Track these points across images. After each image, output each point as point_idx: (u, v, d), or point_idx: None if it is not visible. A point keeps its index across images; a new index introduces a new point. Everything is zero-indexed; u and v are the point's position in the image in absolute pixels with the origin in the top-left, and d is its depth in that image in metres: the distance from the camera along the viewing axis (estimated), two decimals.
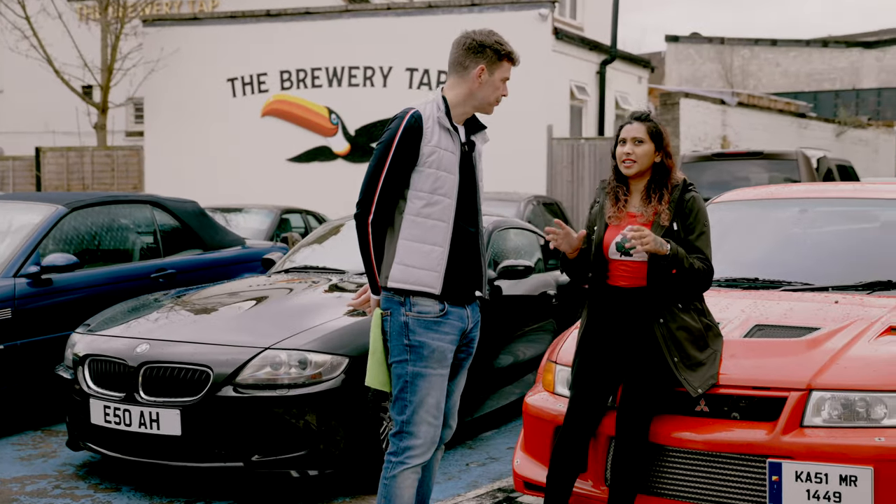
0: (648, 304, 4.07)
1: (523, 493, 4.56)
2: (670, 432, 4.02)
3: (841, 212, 5.60)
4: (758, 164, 10.71)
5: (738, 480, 3.89)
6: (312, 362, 4.88)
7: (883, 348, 4.06)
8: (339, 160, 16.36)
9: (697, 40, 36.05)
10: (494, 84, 3.80)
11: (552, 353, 4.69)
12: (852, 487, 3.68)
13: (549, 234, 4.13)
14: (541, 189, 14.54)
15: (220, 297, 5.82)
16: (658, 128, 4.19)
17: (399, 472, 3.66)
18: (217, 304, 5.66)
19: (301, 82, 16.55)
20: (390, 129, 3.72)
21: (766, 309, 4.59)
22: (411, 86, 15.81)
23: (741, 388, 3.97)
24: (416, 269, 3.66)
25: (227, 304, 5.62)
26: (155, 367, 4.93)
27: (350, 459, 4.95)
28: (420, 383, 3.66)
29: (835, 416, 3.82)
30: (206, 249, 8.14)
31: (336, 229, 7.34)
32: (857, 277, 4.96)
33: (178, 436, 4.81)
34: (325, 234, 7.32)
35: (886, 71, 34.39)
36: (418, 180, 3.67)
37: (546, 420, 4.40)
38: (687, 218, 4.14)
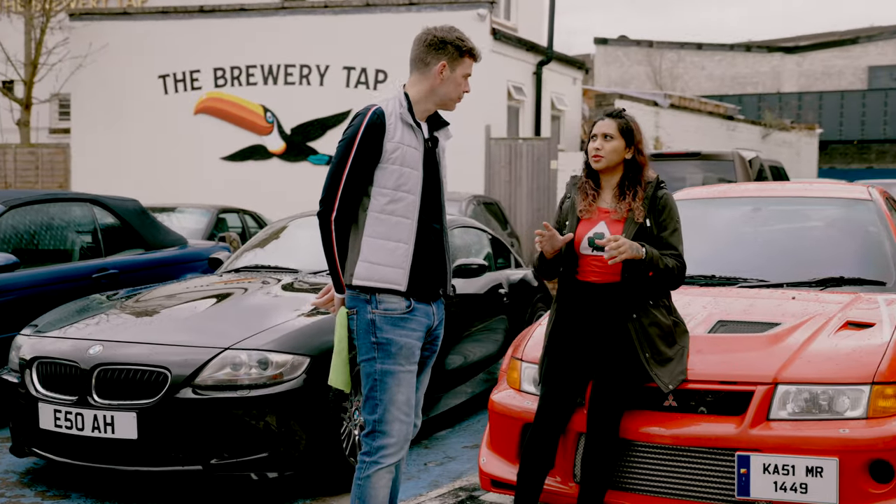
0: (621, 300, 4.10)
1: (490, 490, 4.55)
2: (639, 427, 4.06)
3: (792, 210, 5.72)
4: (695, 164, 10.89)
5: (706, 474, 3.94)
6: (273, 362, 4.81)
7: (842, 342, 4.15)
8: (275, 159, 16.18)
9: (625, 43, 36.54)
10: (456, 80, 3.77)
11: (516, 350, 4.69)
12: (818, 478, 3.75)
13: (538, 236, 4.12)
14: (479, 189, 14.58)
15: (173, 297, 5.70)
16: (629, 125, 4.22)
17: (373, 472, 3.62)
18: (171, 304, 5.54)
19: (235, 80, 16.33)
20: (353, 125, 3.68)
21: (726, 305, 4.66)
22: (349, 84, 15.72)
23: (708, 383, 4.02)
24: (381, 266, 3.63)
25: (181, 305, 5.50)
26: (109, 368, 4.80)
27: (310, 461, 4.89)
28: (389, 381, 3.63)
29: (799, 409, 3.90)
30: (147, 249, 7.98)
31: (285, 228, 7.24)
32: (809, 274, 5.07)
33: (133, 439, 4.70)
34: (274, 233, 7.23)
35: (806, 76, 35.30)
36: (382, 177, 3.64)
37: (513, 418, 4.40)
38: (660, 215, 4.18)
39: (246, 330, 4.96)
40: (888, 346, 4.07)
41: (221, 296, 5.62)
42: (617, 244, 3.93)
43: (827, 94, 32.74)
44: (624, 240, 3.97)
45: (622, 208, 4.19)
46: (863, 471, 3.76)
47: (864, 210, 5.49)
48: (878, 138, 32.84)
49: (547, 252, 4.17)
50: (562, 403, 4.15)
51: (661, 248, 4.14)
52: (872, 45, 34.92)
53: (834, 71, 35.08)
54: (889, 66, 34.59)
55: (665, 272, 4.10)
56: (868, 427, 3.80)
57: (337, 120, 15.79)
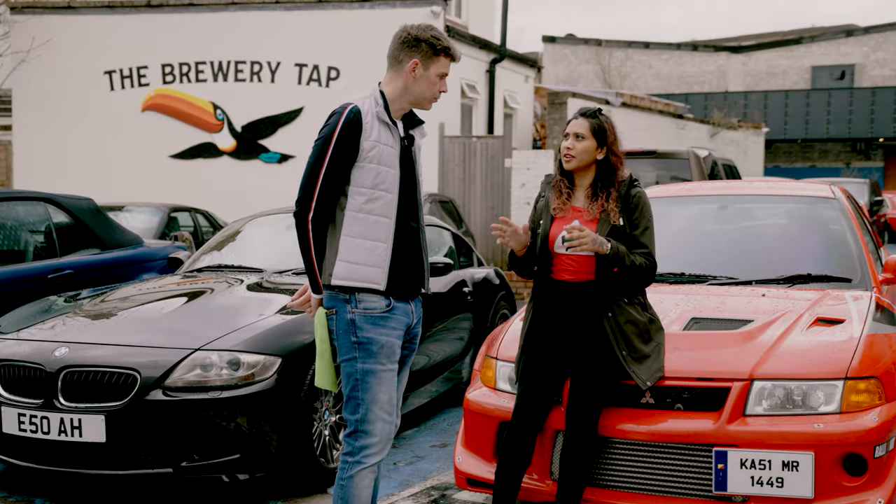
0: (595, 298, 4.11)
1: (466, 489, 4.54)
2: (617, 424, 4.07)
3: (758, 208, 5.78)
4: (651, 162, 10.98)
5: (684, 469, 3.97)
6: (245, 363, 4.74)
7: (815, 339, 4.21)
8: (226, 157, 16.00)
9: (573, 42, 36.78)
10: (430, 79, 3.72)
11: (490, 348, 4.69)
12: (794, 472, 3.80)
13: (496, 231, 4.12)
14: (432, 187, 14.56)
15: (139, 298, 5.60)
16: (602, 125, 4.21)
17: (356, 472, 3.59)
18: (137, 304, 5.44)
19: (184, 76, 16.12)
20: (329, 124, 3.65)
21: (698, 303, 4.70)
22: (301, 81, 15.60)
23: (685, 380, 4.05)
24: (360, 265, 3.59)
25: (148, 305, 5.41)
26: (75, 371, 4.70)
27: (282, 462, 4.83)
28: (371, 380, 3.60)
29: (775, 404, 3.94)
30: (103, 249, 7.82)
31: (246, 228, 7.16)
32: (777, 272, 5.13)
33: (102, 443, 4.60)
34: (234, 233, 7.14)
35: (752, 75, 35.85)
36: (359, 176, 3.60)
37: (490, 416, 4.40)
38: (632, 213, 4.19)
39: (216, 330, 4.89)
40: (859, 341, 4.14)
41: (189, 296, 5.54)
42: (581, 234, 3.94)
43: (772, 94, 33.29)
44: (589, 231, 3.97)
45: (594, 209, 4.19)
46: (837, 464, 3.82)
47: (829, 208, 5.58)
48: (822, 137, 33.47)
49: (515, 248, 4.17)
50: (539, 401, 4.15)
51: (633, 246, 4.16)
52: (815, 45, 35.57)
53: (778, 71, 35.67)
54: (831, 66, 35.28)
55: (632, 269, 4.11)
56: (841, 421, 3.86)
57: (289, 118, 15.66)
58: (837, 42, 35.37)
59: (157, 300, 5.50)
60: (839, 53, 35.20)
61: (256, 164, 15.83)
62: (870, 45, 34.87)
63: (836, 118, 32.64)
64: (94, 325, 5.11)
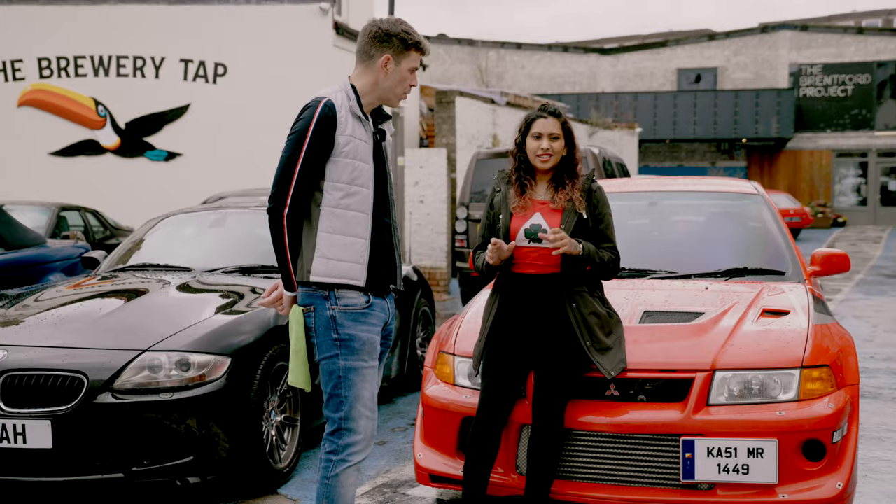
0: (557, 291, 4.18)
1: (429, 485, 4.54)
2: (582, 417, 4.15)
3: (687, 204, 5.97)
4: None
5: (651, 459, 4.07)
6: (195, 363, 4.62)
7: (766, 329, 4.38)
8: (109, 154, 15.46)
9: (446, 41, 37.02)
10: (401, 74, 3.67)
11: (444, 344, 4.70)
12: (759, 459, 3.95)
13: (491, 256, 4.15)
14: None
15: (70, 299, 5.37)
16: (569, 123, 4.32)
17: (342, 471, 3.55)
18: (73, 305, 5.22)
19: (63, 71, 15.50)
20: (303, 118, 3.57)
21: (646, 297, 4.83)
22: (186, 77, 15.21)
23: (649, 372, 4.16)
24: (339, 261, 3.55)
25: (83, 306, 5.20)
26: (16, 375, 4.49)
27: (233, 464, 4.74)
28: (353, 377, 3.57)
29: (737, 393, 4.08)
30: (7, 249, 7.49)
31: (162, 226, 6.96)
32: (714, 265, 5.32)
33: (48, 448, 4.41)
34: (151, 232, 6.92)
35: (620, 76, 36.86)
36: (335, 171, 3.55)
37: (451, 412, 4.41)
38: (595, 208, 4.29)
39: (162, 331, 4.75)
40: (808, 332, 4.33)
41: (125, 296, 5.35)
42: (558, 236, 4.02)
43: (642, 95, 34.32)
44: (563, 233, 4.06)
45: (560, 198, 4.27)
46: (798, 450, 3.99)
47: (754, 203, 5.81)
48: (689, 137, 34.70)
49: (495, 262, 4.19)
50: (504, 396, 4.18)
51: (598, 239, 4.26)
52: (680, 48, 36.82)
53: (645, 73, 36.78)
54: (696, 68, 36.61)
55: (601, 265, 4.24)
56: (799, 409, 4.03)
57: (175, 114, 15.26)
58: (701, 46, 36.73)
59: (91, 300, 5.29)
60: (703, 57, 36.56)
61: (142, 161, 15.37)
62: (731, 49, 36.34)
63: (702, 119, 33.92)
64: (31, 327, 4.88)
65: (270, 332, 5.07)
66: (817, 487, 3.98)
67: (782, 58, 35.73)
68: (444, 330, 4.93)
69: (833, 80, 35.33)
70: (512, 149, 4.45)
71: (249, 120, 14.92)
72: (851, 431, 4.18)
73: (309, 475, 5.26)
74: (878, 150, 35.41)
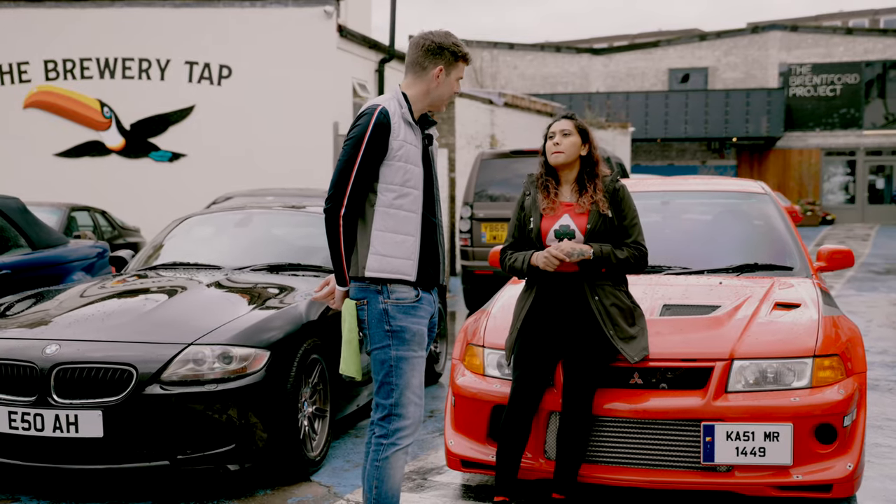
0: (582, 285, 4.45)
1: (460, 471, 4.79)
2: (607, 404, 4.41)
3: (698, 203, 6.24)
4: None
5: (673, 443, 4.34)
6: (236, 356, 4.86)
7: (780, 321, 4.66)
8: (114, 155, 15.64)
9: None
10: (450, 83, 3.95)
11: (473, 337, 4.95)
12: (775, 442, 4.22)
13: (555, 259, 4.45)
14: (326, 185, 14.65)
15: (112, 295, 5.61)
16: (582, 124, 4.62)
17: (392, 454, 3.79)
18: (113, 301, 5.45)
19: (69, 73, 15.67)
20: (360, 125, 3.81)
21: (665, 291, 5.09)
22: (191, 80, 15.41)
23: (671, 361, 4.42)
24: (392, 258, 3.80)
25: (125, 302, 5.43)
26: (69, 368, 4.72)
27: (271, 452, 4.97)
28: (404, 366, 3.81)
29: (753, 381, 4.35)
30: (34, 248, 7.70)
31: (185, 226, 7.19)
32: (726, 261, 5.59)
33: (99, 437, 4.64)
34: (175, 232, 7.15)
35: (612, 76, 37.20)
36: (388, 173, 3.80)
37: (483, 401, 4.66)
38: (620, 206, 4.55)
39: (205, 325, 4.98)
40: (819, 323, 4.60)
41: (165, 292, 5.58)
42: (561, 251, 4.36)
43: (633, 95, 34.65)
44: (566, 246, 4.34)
45: (585, 202, 4.54)
46: (811, 434, 4.26)
47: (761, 202, 6.09)
48: (680, 137, 35.06)
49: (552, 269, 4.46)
50: (535, 385, 4.45)
51: (623, 236, 4.53)
52: (672, 48, 37.17)
53: (637, 72, 37.12)
54: (687, 68, 36.96)
55: (620, 264, 4.49)
56: (812, 395, 4.30)
57: (180, 115, 15.46)
58: (692, 46, 37.09)
59: (134, 297, 5.53)
60: (694, 57, 36.92)
61: (147, 162, 15.56)
62: (722, 49, 36.71)
63: (693, 118, 34.27)
64: (80, 322, 5.10)
65: (304, 326, 5.31)
66: (829, 469, 4.25)
67: (772, 58, 36.11)
68: (471, 324, 5.18)
69: (822, 80, 35.74)
70: (540, 157, 4.72)
71: (253, 121, 15.13)
72: (860, 416, 4.45)
73: (338, 464, 5.51)
74: (866, 148, 35.83)
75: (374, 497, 3.81)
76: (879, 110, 35.92)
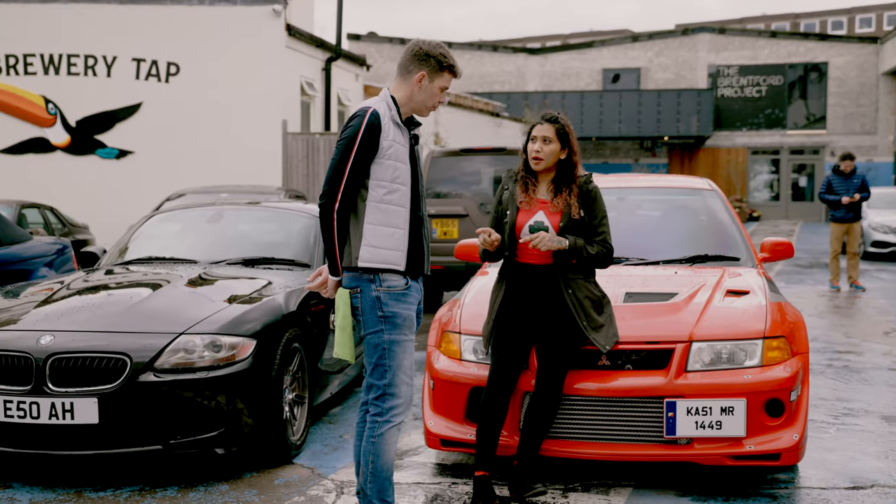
0: (556, 278, 4.80)
1: (439, 449, 5.12)
2: (579, 384, 4.77)
3: (651, 199, 6.65)
4: (500, 159, 11.76)
5: (638, 419, 4.72)
6: (225, 345, 5.11)
7: (732, 306, 5.07)
8: (59, 152, 15.64)
9: (377, 40, 37.51)
10: (432, 91, 4.23)
11: (449, 325, 5.28)
12: (730, 416, 4.62)
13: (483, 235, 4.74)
14: (277, 183, 14.86)
15: (97, 288, 5.81)
16: (565, 129, 4.90)
17: (386, 430, 4.10)
18: (99, 294, 5.65)
19: (12, 69, 15.62)
20: (352, 125, 4.10)
21: (626, 280, 5.47)
22: (139, 77, 15.47)
23: (636, 344, 4.80)
24: (382, 249, 4.10)
25: (112, 295, 5.64)
26: (63, 357, 4.92)
27: (257, 437, 5.23)
28: (396, 349, 4.12)
29: (709, 361, 4.75)
30: (0, 244, 7.82)
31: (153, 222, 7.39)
32: (678, 253, 6.00)
33: (95, 424, 4.85)
34: (146, 227, 7.34)
35: (548, 76, 37.80)
36: (378, 171, 4.10)
37: (461, 384, 4.99)
38: (591, 206, 4.90)
39: (194, 316, 5.22)
40: (766, 308, 5.03)
41: (150, 286, 5.79)
42: (538, 240, 4.67)
43: (569, 94, 35.28)
44: (543, 235, 4.67)
45: (559, 203, 4.87)
46: (762, 408, 4.67)
47: (709, 198, 6.52)
48: (614, 136, 35.80)
49: (489, 247, 4.79)
50: (512, 368, 4.79)
51: (593, 234, 4.88)
52: (606, 49, 37.91)
53: (572, 72, 37.78)
54: (620, 68, 37.74)
55: (590, 258, 4.84)
56: (763, 373, 4.72)
57: (127, 112, 15.51)
58: (625, 47, 37.87)
59: (120, 290, 5.74)
60: (627, 57, 37.71)
61: (93, 159, 15.58)
62: (653, 50, 37.56)
63: (627, 118, 35.04)
64: (72, 312, 5.29)
65: (285, 317, 5.57)
66: (778, 439, 4.68)
67: (701, 59, 37.07)
68: (445, 314, 5.50)
69: (748, 81, 36.80)
70: (521, 154, 5.04)
71: (202, 119, 15.26)
72: (804, 392, 4.89)
73: (317, 447, 5.79)
74: (789, 147, 36.99)
75: (370, 471, 4.11)
76: (802, 111, 37.12)
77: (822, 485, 5.02)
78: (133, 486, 5.06)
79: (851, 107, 36.39)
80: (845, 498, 4.81)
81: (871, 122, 36.24)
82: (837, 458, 5.47)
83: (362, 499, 4.19)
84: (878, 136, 36.26)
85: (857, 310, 12.39)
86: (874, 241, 19.84)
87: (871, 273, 17.16)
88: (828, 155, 36.07)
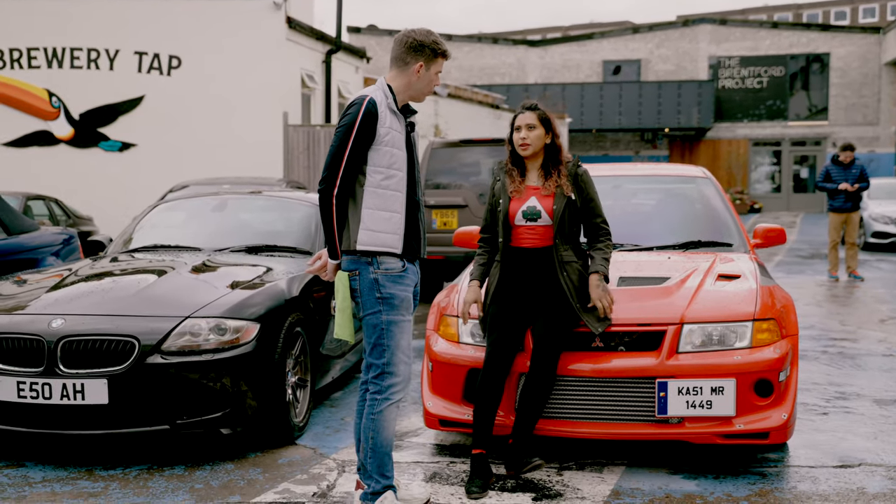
0: (552, 261, 4.94)
1: (438, 429, 5.27)
2: (573, 365, 4.91)
3: (646, 187, 6.79)
4: (499, 150, 11.89)
5: (630, 399, 4.86)
6: (230, 328, 5.25)
7: (723, 290, 5.21)
8: (63, 145, 15.79)
9: (377, 32, 37.62)
10: (429, 78, 4.41)
11: (447, 309, 5.42)
12: (720, 396, 4.76)
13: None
14: (278, 174, 15.00)
15: (104, 275, 5.96)
16: (546, 115, 5.07)
17: (385, 408, 4.25)
18: (108, 280, 5.81)
19: (16, 62, 15.76)
20: (350, 113, 4.25)
21: (620, 265, 5.61)
22: (141, 69, 15.61)
23: (629, 326, 4.94)
24: (380, 233, 4.25)
25: (119, 280, 5.78)
26: (74, 340, 5.07)
27: (261, 417, 5.38)
28: (394, 329, 4.26)
29: (700, 342, 4.89)
30: (9, 234, 7.97)
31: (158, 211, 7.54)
32: (672, 239, 6.14)
33: (104, 404, 5.01)
34: (150, 217, 7.48)
35: (548, 68, 37.90)
36: (376, 157, 4.25)
37: (459, 365, 5.14)
38: (582, 189, 5.05)
39: (199, 300, 5.37)
40: (757, 292, 5.17)
41: (156, 272, 5.94)
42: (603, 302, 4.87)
43: (570, 86, 35.40)
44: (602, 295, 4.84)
45: (550, 185, 5.03)
46: (751, 388, 4.81)
47: (703, 185, 6.66)
48: (614, 127, 35.92)
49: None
50: (507, 349, 4.93)
51: (588, 215, 5.03)
52: (606, 41, 38.00)
53: (573, 64, 37.89)
54: (621, 60, 37.84)
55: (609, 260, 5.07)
56: (752, 354, 4.85)
57: (130, 105, 15.65)
58: (625, 38, 37.97)
59: (128, 276, 5.89)
60: (627, 49, 37.82)
61: (96, 152, 15.73)
62: (654, 41, 37.66)
63: (627, 110, 35.16)
64: (81, 297, 5.45)
65: (287, 302, 5.72)
66: (767, 419, 4.81)
67: (702, 51, 37.17)
68: (443, 298, 5.64)
69: (749, 73, 36.90)
70: (507, 144, 5.19)
71: (203, 111, 15.40)
72: (793, 373, 5.03)
73: (319, 429, 5.94)
74: (790, 139, 37.10)
75: (370, 447, 4.26)
76: (803, 102, 37.22)
77: (810, 463, 5.16)
78: (142, 465, 5.21)
79: (853, 97, 36.50)
80: (833, 476, 4.95)
81: (874, 112, 36.35)
82: (827, 439, 5.61)
83: (363, 474, 4.34)
84: (880, 126, 36.37)
85: (854, 299, 12.52)
86: (875, 232, 19.96)
87: (871, 263, 17.29)
88: (829, 146, 36.20)
